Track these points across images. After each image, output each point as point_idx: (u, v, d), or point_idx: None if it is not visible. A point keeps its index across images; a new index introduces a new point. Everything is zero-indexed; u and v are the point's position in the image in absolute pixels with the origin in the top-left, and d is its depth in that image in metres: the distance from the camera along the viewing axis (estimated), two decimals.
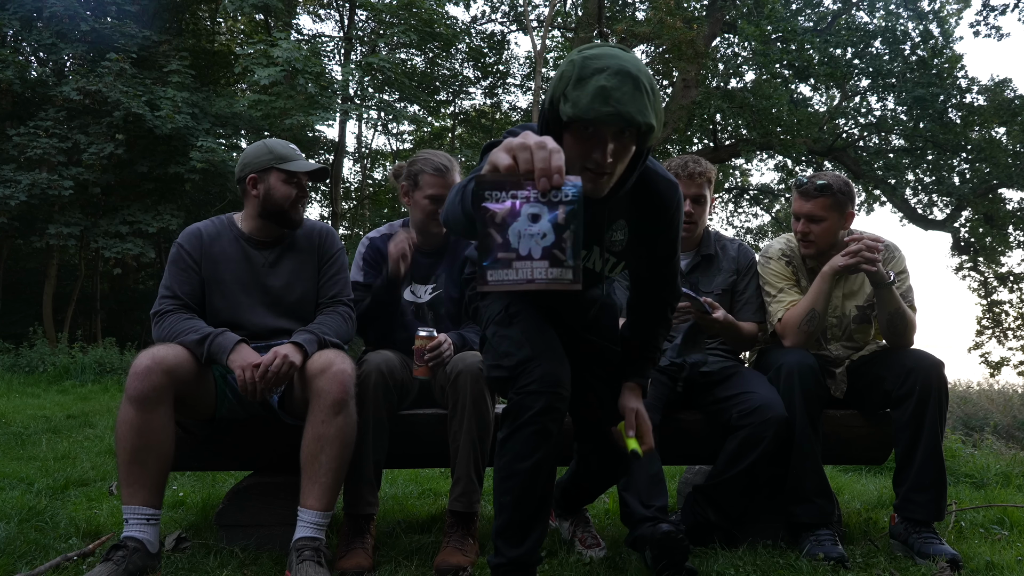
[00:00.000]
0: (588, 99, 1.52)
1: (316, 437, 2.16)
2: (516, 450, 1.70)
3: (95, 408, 6.49)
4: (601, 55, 1.56)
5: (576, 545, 2.48)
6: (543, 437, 1.69)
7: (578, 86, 1.54)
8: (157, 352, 2.13)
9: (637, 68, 1.55)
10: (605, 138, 1.57)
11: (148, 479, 2.09)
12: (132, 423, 2.07)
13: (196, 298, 2.42)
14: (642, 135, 1.62)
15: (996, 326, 17.96)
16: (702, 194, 2.68)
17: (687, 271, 2.76)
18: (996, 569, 2.28)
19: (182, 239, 2.47)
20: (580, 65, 1.55)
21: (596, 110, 1.51)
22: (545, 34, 14.75)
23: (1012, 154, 14.06)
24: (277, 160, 2.46)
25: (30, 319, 11.95)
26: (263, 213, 2.48)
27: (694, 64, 14.34)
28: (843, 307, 2.72)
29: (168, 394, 2.11)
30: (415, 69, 16.93)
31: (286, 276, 2.50)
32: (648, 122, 1.54)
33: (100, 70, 11.36)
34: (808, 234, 2.65)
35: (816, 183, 2.60)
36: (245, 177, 2.47)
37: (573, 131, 1.60)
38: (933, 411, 2.42)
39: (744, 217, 22.11)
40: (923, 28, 13.97)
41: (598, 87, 1.51)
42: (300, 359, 2.25)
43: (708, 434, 2.61)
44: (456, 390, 2.37)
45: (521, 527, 1.74)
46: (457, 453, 2.37)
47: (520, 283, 1.34)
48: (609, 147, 1.57)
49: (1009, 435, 9.09)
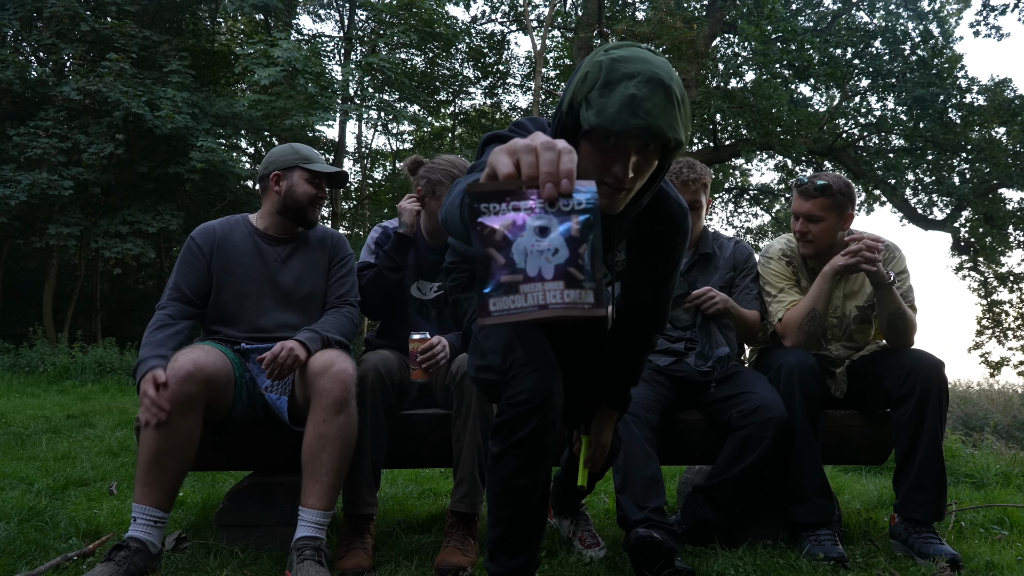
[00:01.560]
0: (616, 108, 1.35)
1: (317, 436, 2.17)
2: (512, 467, 1.62)
3: (95, 408, 6.49)
4: (631, 58, 1.39)
5: (576, 544, 2.48)
6: (540, 454, 1.62)
7: (605, 91, 1.37)
8: (199, 358, 2.14)
9: (670, 76, 1.39)
10: (628, 151, 1.40)
11: (165, 482, 2.10)
12: (162, 424, 2.07)
13: (201, 292, 2.44)
14: (668, 151, 1.46)
15: (996, 326, 17.97)
16: (697, 200, 2.68)
17: (685, 269, 2.76)
18: (996, 569, 2.28)
19: (195, 233, 2.52)
20: (608, 68, 1.38)
21: (624, 121, 1.35)
22: (545, 34, 14.75)
23: (1012, 154, 14.06)
24: (302, 160, 2.54)
25: (30, 319, 11.96)
26: (282, 209, 2.52)
27: (694, 64, 14.34)
28: (843, 307, 2.72)
29: (201, 402, 2.13)
30: (415, 69, 16.94)
31: (296, 272, 2.53)
32: (678, 138, 1.39)
33: (100, 70, 11.37)
34: (806, 233, 2.65)
35: (816, 183, 2.60)
36: (269, 174, 2.53)
37: (592, 140, 1.43)
38: (933, 411, 2.42)
39: (744, 217, 22.15)
40: (923, 28, 13.98)
41: (627, 95, 1.35)
42: (304, 355, 2.27)
43: (708, 434, 2.61)
44: (461, 391, 2.37)
45: (520, 539, 1.68)
46: (461, 454, 2.37)
47: (530, 311, 1.08)
48: (632, 161, 1.41)
49: (1009, 435, 9.09)
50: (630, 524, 2.26)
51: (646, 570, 2.13)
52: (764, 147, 14.65)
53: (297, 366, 2.27)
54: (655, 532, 2.16)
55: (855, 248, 2.47)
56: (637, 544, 2.16)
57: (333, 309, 2.53)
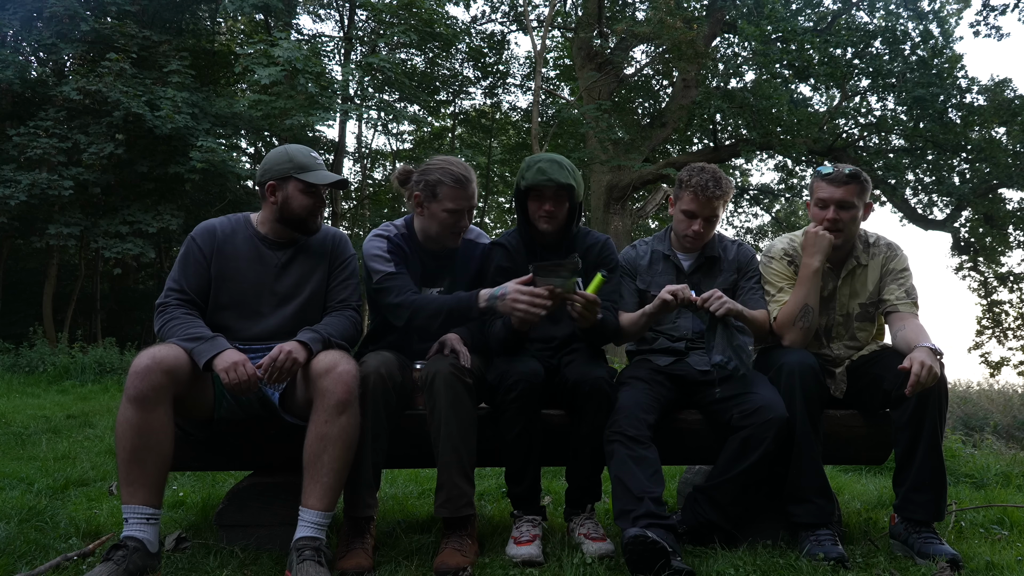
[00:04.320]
0: (533, 173, 2.62)
1: (319, 437, 2.16)
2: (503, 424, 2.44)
3: (95, 408, 6.49)
4: (541, 156, 2.66)
5: (581, 540, 2.49)
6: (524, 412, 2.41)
7: (528, 170, 2.64)
8: (157, 352, 2.14)
9: (562, 159, 2.66)
10: (547, 196, 2.65)
11: (148, 478, 2.10)
12: (132, 422, 2.07)
13: (202, 293, 2.43)
14: (570, 194, 2.65)
15: (996, 326, 17.93)
16: (716, 215, 2.66)
17: (690, 272, 2.76)
18: (996, 569, 2.28)
19: (195, 233, 2.49)
20: (527, 161, 2.68)
21: (535, 179, 2.62)
22: (545, 34, 14.75)
23: (1012, 154, 14.04)
24: (297, 169, 2.46)
25: (30, 319, 11.95)
26: (280, 219, 2.50)
27: (694, 64, 14.34)
28: (848, 305, 2.73)
29: (167, 394, 2.12)
30: (415, 69, 16.94)
31: (296, 277, 2.51)
32: (568, 183, 2.60)
33: (100, 70, 11.36)
34: (838, 221, 2.61)
35: (846, 170, 2.60)
36: (264, 182, 2.49)
37: (530, 195, 2.68)
38: (933, 411, 2.42)
39: (744, 217, 22.13)
40: (923, 28, 13.96)
41: (537, 168, 2.62)
42: (304, 356, 2.26)
43: (708, 434, 2.61)
44: (432, 395, 2.36)
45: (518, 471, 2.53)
46: (439, 458, 2.36)
47: None
48: (549, 203, 2.65)
49: (1009, 435, 9.09)
50: (627, 519, 2.25)
51: (642, 572, 2.12)
52: (764, 147, 14.63)
53: (296, 368, 2.26)
54: (649, 532, 2.15)
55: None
56: (631, 544, 2.15)
57: (335, 312, 2.51)
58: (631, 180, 13.91)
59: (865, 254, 2.73)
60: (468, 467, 2.38)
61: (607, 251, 2.77)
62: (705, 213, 2.64)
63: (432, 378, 2.36)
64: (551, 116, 16.46)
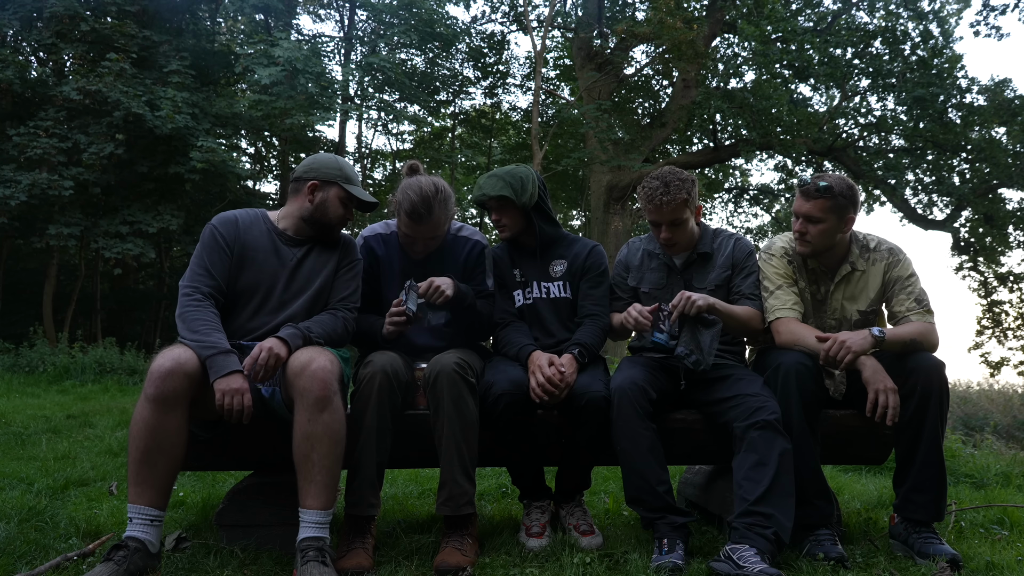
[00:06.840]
0: (477, 190, 2.75)
1: (305, 436, 2.16)
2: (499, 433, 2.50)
3: (95, 408, 6.49)
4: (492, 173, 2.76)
5: (571, 531, 2.54)
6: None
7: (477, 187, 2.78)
8: (180, 355, 2.14)
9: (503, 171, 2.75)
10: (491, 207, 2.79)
11: (157, 480, 2.10)
12: (148, 423, 2.07)
13: (225, 281, 2.42)
14: (514, 204, 2.71)
15: (996, 326, 17.93)
16: (679, 218, 2.64)
17: (681, 268, 2.76)
18: (996, 569, 2.28)
19: (217, 222, 2.47)
20: (479, 180, 2.77)
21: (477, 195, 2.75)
22: (545, 34, 14.76)
23: (1012, 154, 14.04)
24: (344, 179, 2.51)
25: (30, 319, 11.95)
26: (309, 219, 2.50)
27: (694, 64, 14.34)
28: (843, 310, 2.71)
29: (186, 397, 2.13)
30: (415, 69, 16.92)
31: (308, 274, 2.51)
32: (503, 195, 2.66)
33: (100, 70, 11.36)
34: (805, 234, 2.64)
35: (818, 184, 2.58)
36: (307, 179, 2.49)
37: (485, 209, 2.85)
38: (934, 411, 2.41)
39: (744, 217, 22.11)
40: (923, 28, 13.97)
41: (479, 185, 2.74)
42: (285, 352, 2.25)
43: (708, 434, 2.61)
44: (435, 393, 2.37)
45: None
46: (442, 456, 2.37)
47: None
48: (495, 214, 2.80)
49: (1009, 435, 9.10)
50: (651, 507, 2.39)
51: None
52: (764, 147, 14.64)
53: (279, 365, 2.25)
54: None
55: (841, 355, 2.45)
56: None
57: (330, 311, 2.51)
58: (631, 180, 13.90)
59: (862, 259, 2.70)
60: (470, 466, 2.38)
61: (594, 257, 2.81)
62: (666, 219, 2.63)
63: (435, 376, 2.37)
64: (551, 116, 16.48)
